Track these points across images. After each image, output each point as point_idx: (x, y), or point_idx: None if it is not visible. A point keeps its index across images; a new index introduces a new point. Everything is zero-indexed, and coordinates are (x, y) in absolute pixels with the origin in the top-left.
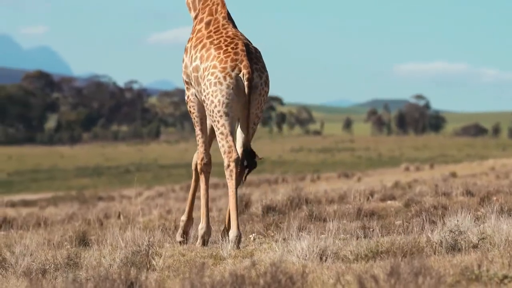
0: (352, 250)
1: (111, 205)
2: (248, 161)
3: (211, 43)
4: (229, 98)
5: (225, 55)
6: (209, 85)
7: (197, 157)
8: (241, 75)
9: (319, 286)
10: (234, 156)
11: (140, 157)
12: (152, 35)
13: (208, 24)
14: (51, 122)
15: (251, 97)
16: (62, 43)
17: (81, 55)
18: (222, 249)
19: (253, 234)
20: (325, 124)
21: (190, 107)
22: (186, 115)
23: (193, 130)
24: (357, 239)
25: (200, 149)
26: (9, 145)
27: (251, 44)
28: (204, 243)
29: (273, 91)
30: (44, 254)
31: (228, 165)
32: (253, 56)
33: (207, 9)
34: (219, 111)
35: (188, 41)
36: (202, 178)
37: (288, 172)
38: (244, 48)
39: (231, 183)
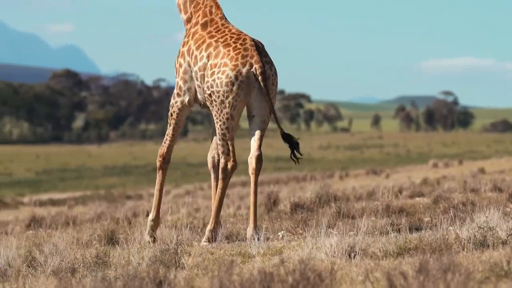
0: (380, 247)
1: (139, 203)
2: (289, 142)
3: (216, 41)
4: (238, 100)
5: (235, 52)
6: (220, 85)
7: (160, 155)
8: (253, 70)
9: (347, 283)
10: (233, 163)
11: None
12: (179, 33)
13: (204, 25)
14: (78, 121)
15: (267, 88)
16: (89, 42)
17: (108, 53)
18: (250, 247)
19: (282, 232)
20: (353, 121)
21: (173, 112)
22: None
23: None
24: (385, 236)
25: (165, 148)
26: (37, 144)
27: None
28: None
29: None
30: (73, 253)
31: (225, 168)
32: (261, 50)
33: (200, 12)
34: (227, 113)
35: (183, 45)
36: (160, 173)
37: (316, 170)
38: (252, 43)
39: (223, 184)
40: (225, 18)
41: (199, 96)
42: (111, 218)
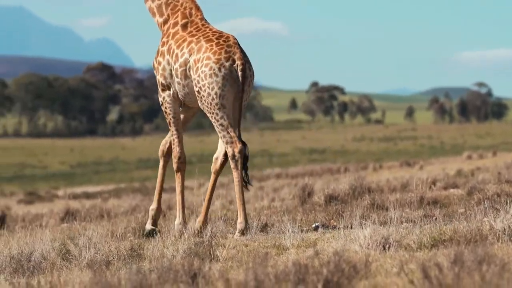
0: (415, 239)
1: (173, 196)
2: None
3: (198, 38)
4: (225, 90)
5: (218, 47)
6: (204, 77)
7: (174, 157)
8: (235, 66)
9: (382, 275)
10: (239, 146)
11: (201, 148)
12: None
13: (185, 26)
14: (113, 114)
15: (244, 87)
16: (124, 35)
17: (142, 46)
18: (285, 239)
19: (316, 224)
20: (387, 112)
21: (166, 108)
22: (248, 106)
23: (255, 121)
24: (420, 227)
25: (177, 148)
26: (71, 138)
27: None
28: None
29: (334, 80)
30: (108, 245)
31: (234, 156)
32: (243, 50)
33: (179, 13)
34: (217, 104)
35: (162, 45)
36: (178, 176)
37: (350, 162)
38: (235, 41)
39: (237, 173)
40: (205, 19)
41: (179, 94)
42: (145, 211)
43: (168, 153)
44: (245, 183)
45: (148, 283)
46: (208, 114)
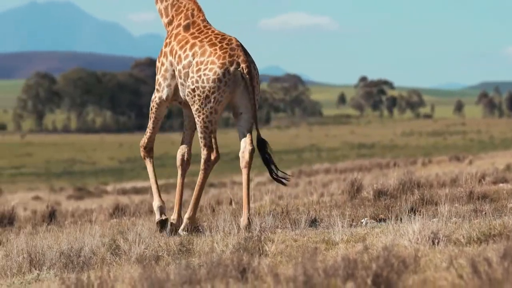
0: (464, 234)
1: (222, 191)
2: (262, 150)
3: (201, 41)
4: (223, 96)
5: (222, 51)
6: (207, 81)
7: (141, 144)
8: (240, 69)
9: (432, 270)
10: (216, 154)
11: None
12: (261, 21)
13: (187, 27)
14: None
15: (254, 86)
16: None
17: None
18: (334, 234)
19: (365, 219)
20: (436, 107)
21: (152, 107)
22: (297, 101)
23: (304, 116)
24: (469, 222)
25: (145, 137)
26: (120, 133)
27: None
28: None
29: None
30: (157, 241)
31: (209, 160)
32: (245, 51)
33: (182, 14)
34: (211, 107)
35: (165, 45)
36: (148, 162)
37: (399, 156)
38: (238, 43)
39: (203, 175)
40: (207, 20)
41: (181, 94)
42: None
43: (187, 163)
44: (282, 178)
45: (197, 278)
46: (196, 114)
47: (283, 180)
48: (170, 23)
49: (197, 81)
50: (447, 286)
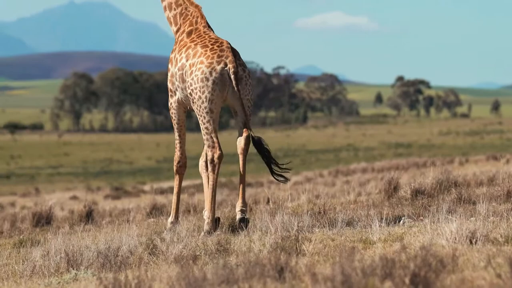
0: (502, 233)
1: (259, 190)
2: (258, 147)
3: (196, 44)
4: (214, 95)
5: (211, 52)
6: (197, 81)
7: (175, 160)
8: (227, 69)
9: (469, 269)
10: (218, 152)
11: (288, 143)
12: (299, 20)
13: (189, 33)
14: None
15: (239, 87)
16: None
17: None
18: (371, 233)
19: (403, 218)
20: (473, 106)
21: (172, 113)
22: (334, 100)
23: (341, 115)
24: (507, 221)
25: (178, 152)
26: (157, 133)
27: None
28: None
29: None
30: (195, 240)
31: (213, 160)
32: (236, 53)
33: (187, 22)
34: (205, 107)
35: (172, 52)
36: (177, 178)
37: (436, 155)
38: (229, 45)
39: (212, 176)
40: (209, 26)
41: (181, 96)
42: (232, 205)
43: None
44: (282, 177)
45: (235, 277)
46: (198, 116)
47: (283, 178)
48: (178, 30)
49: (191, 84)
50: (485, 286)
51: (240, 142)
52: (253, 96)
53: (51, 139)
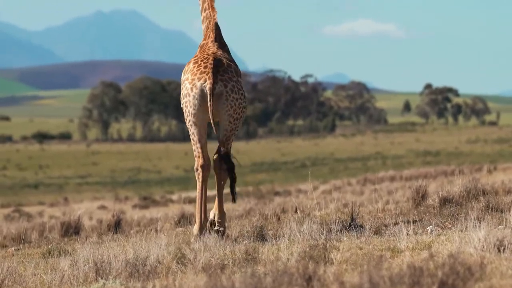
0: None
1: (287, 199)
2: (225, 162)
3: (193, 60)
4: (196, 109)
5: (197, 69)
6: (183, 96)
7: (196, 166)
8: (204, 84)
9: (497, 277)
10: (201, 162)
11: (316, 151)
12: (327, 27)
13: (201, 47)
14: None
15: (216, 102)
16: (237, 38)
17: (256, 50)
18: (399, 242)
19: (431, 226)
20: (501, 114)
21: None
22: (362, 109)
23: (369, 123)
24: None
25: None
26: (185, 142)
27: (226, 59)
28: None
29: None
30: (222, 249)
31: (197, 169)
32: (221, 69)
33: (205, 36)
34: (189, 121)
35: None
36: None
37: (464, 163)
38: (212, 62)
39: (198, 184)
40: (217, 40)
41: None
42: (259, 214)
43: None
44: (232, 195)
45: (263, 286)
46: (187, 127)
47: (233, 197)
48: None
49: (181, 99)
50: None
51: (216, 160)
52: (239, 111)
53: (79, 148)
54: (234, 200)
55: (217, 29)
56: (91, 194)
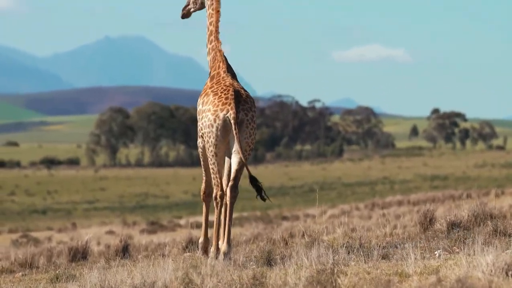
0: None
1: (295, 224)
2: (253, 185)
3: (211, 91)
4: (218, 140)
5: (218, 100)
6: (205, 126)
7: (201, 190)
8: (228, 115)
9: None
10: (219, 191)
11: (323, 176)
12: (335, 53)
13: (212, 78)
14: None
15: (237, 131)
16: (244, 64)
17: (263, 75)
18: (407, 266)
19: (438, 250)
20: (508, 138)
21: (199, 152)
22: (369, 133)
23: (377, 148)
24: None
25: (203, 184)
26: (194, 167)
27: (243, 90)
28: (206, 253)
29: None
30: (230, 274)
31: (216, 197)
32: (242, 99)
33: (214, 66)
34: (211, 151)
35: (200, 97)
36: (204, 205)
37: (472, 188)
38: (233, 93)
39: (216, 211)
40: (229, 70)
41: None
42: (267, 239)
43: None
44: (265, 197)
45: None
46: (208, 156)
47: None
48: (209, 74)
49: (201, 128)
50: None
51: (227, 191)
52: (254, 138)
53: (88, 174)
54: (263, 198)
55: (226, 59)
56: (99, 219)
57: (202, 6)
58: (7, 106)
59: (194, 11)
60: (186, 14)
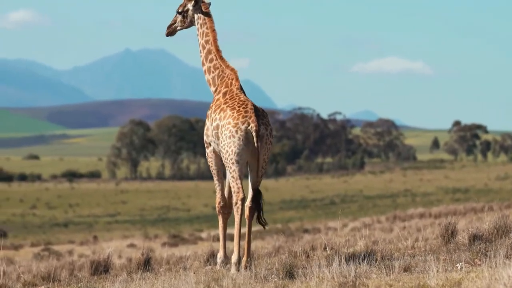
0: None
1: (316, 237)
2: (255, 201)
3: (227, 106)
4: (240, 149)
5: (237, 114)
6: (225, 138)
7: (216, 202)
8: (249, 128)
9: None
10: (241, 196)
11: (345, 188)
12: (356, 65)
13: (224, 94)
14: None
15: (259, 144)
16: (264, 76)
17: (283, 87)
18: (429, 279)
19: (460, 263)
20: None
21: (209, 162)
22: (390, 146)
23: (398, 161)
24: None
25: (218, 195)
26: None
27: (257, 106)
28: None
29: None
30: (251, 287)
31: (236, 203)
32: (260, 114)
33: (224, 83)
34: (231, 159)
35: (209, 108)
36: (220, 218)
37: (493, 200)
38: (252, 107)
39: (237, 217)
40: (241, 88)
41: (216, 150)
42: (289, 252)
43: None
44: (263, 222)
45: None
46: (226, 167)
47: (264, 225)
48: (215, 91)
49: (221, 141)
50: None
51: (245, 209)
52: (270, 153)
53: (109, 187)
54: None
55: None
56: (120, 232)
57: (190, 25)
58: (29, 119)
59: (180, 29)
60: (171, 32)
